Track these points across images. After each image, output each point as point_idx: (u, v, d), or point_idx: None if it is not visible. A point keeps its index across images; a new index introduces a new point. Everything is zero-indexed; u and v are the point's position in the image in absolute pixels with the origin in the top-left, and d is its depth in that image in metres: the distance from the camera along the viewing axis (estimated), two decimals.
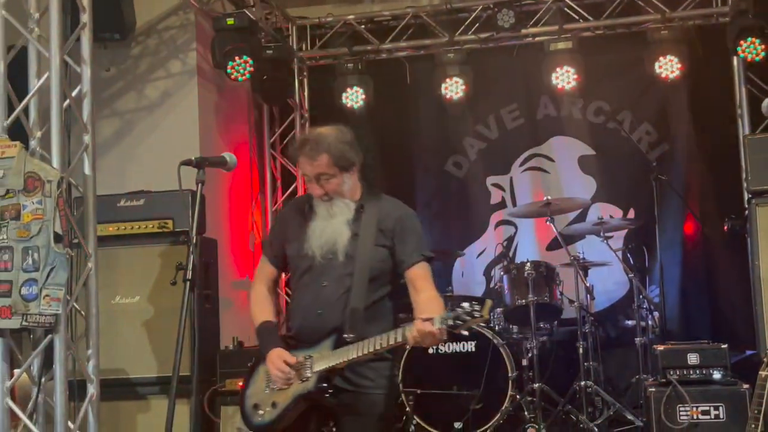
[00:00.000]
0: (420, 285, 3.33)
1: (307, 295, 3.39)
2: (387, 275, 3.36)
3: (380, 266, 3.34)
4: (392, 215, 3.41)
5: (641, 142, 7.30)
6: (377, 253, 3.33)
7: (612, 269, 6.69)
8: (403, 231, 3.38)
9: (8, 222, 3.77)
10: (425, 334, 2.96)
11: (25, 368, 3.93)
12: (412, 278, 3.34)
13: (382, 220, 3.38)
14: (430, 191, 7.81)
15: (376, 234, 3.35)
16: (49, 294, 3.72)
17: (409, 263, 3.34)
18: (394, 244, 3.35)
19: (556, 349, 6.48)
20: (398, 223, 3.38)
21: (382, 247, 3.35)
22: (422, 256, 3.36)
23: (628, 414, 5.62)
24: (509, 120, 7.73)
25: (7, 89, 4.00)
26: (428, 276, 3.38)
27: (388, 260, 3.35)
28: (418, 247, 3.38)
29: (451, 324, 2.84)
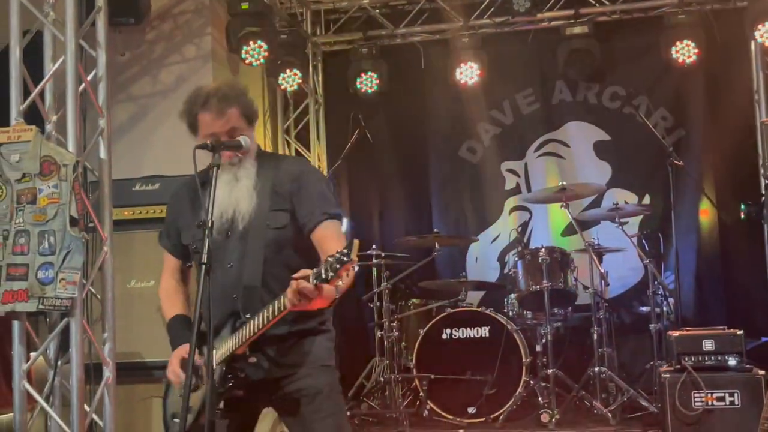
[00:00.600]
0: (326, 246, 2.82)
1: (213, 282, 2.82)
2: (291, 243, 2.95)
3: (279, 234, 2.93)
4: (289, 173, 3.01)
5: (657, 127, 7.24)
6: (275, 218, 2.94)
7: (627, 255, 6.67)
8: (301, 189, 2.97)
9: (24, 206, 3.79)
10: (300, 294, 2.54)
11: (42, 351, 3.95)
12: (318, 241, 2.90)
13: (278, 179, 3.00)
14: (444, 177, 7.80)
15: (271, 196, 2.97)
16: (65, 277, 3.74)
17: (311, 225, 2.91)
18: (294, 205, 2.95)
19: (570, 335, 6.47)
20: (296, 182, 2.99)
21: (281, 210, 2.96)
22: (326, 214, 2.92)
23: (642, 400, 5.61)
24: (524, 105, 7.70)
25: (23, 74, 4.01)
26: (334, 234, 2.92)
27: (289, 226, 2.95)
28: (322, 206, 2.94)
29: (324, 276, 2.48)
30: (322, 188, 3.03)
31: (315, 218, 2.91)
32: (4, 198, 3.81)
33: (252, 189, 2.97)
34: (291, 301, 2.57)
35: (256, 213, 2.94)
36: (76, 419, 3.85)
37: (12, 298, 3.75)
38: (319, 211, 2.92)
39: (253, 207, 2.95)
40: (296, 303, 2.57)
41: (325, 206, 2.95)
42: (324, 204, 2.95)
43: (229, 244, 2.95)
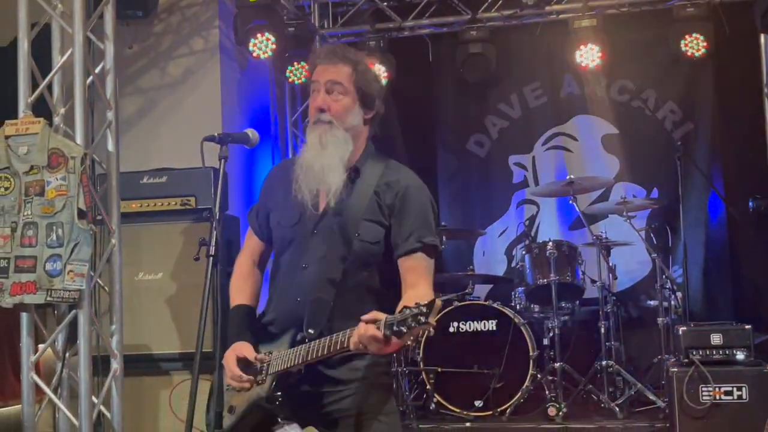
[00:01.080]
0: (411, 279, 2.67)
1: (285, 278, 2.79)
2: (375, 259, 2.72)
3: (366, 247, 2.70)
4: (396, 184, 2.73)
5: (665, 120, 7.23)
6: (367, 230, 2.70)
7: (635, 249, 6.66)
8: (404, 206, 2.70)
9: (32, 198, 3.80)
10: (368, 339, 2.37)
11: (50, 343, 3.97)
12: (405, 270, 2.69)
13: (381, 188, 2.72)
14: (451, 170, 7.79)
15: (368, 205, 2.70)
16: (73, 269, 3.74)
17: (403, 250, 2.68)
18: (391, 223, 2.70)
19: (578, 329, 6.47)
20: (401, 196, 2.71)
21: (375, 223, 2.71)
22: (421, 243, 2.68)
23: (649, 394, 5.60)
24: (532, 98, 7.68)
25: (31, 66, 4.02)
26: (423, 269, 2.70)
27: (380, 241, 2.70)
28: (421, 231, 2.69)
29: (396, 330, 2.30)
30: (426, 211, 2.75)
31: (409, 244, 2.68)
32: (12, 190, 3.82)
33: (340, 160, 2.70)
34: (356, 345, 2.42)
35: (347, 209, 2.71)
36: (84, 411, 3.86)
37: (20, 290, 3.76)
38: (415, 237, 2.69)
39: (347, 194, 2.71)
40: (361, 348, 2.42)
41: (423, 233, 2.70)
42: (423, 230, 2.71)
43: (309, 239, 2.74)
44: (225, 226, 5.07)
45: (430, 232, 2.72)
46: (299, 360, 2.58)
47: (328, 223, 2.72)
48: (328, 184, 2.70)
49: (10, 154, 3.82)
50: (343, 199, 2.72)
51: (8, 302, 3.78)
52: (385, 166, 2.80)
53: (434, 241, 2.72)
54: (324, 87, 2.73)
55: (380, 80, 2.88)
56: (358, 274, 2.71)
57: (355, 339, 2.41)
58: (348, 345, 2.45)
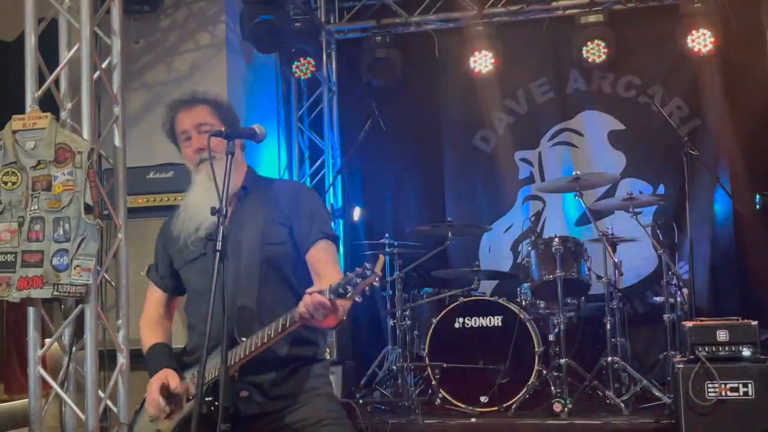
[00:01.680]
0: (321, 269, 2.81)
1: (205, 304, 2.67)
2: (289, 260, 2.86)
3: (277, 249, 2.84)
4: (288, 192, 2.97)
5: (672, 116, 7.20)
6: (274, 232, 2.85)
7: (641, 245, 6.64)
8: (300, 206, 2.90)
9: (39, 193, 3.81)
10: (314, 306, 2.44)
11: (57, 337, 3.98)
12: (313, 262, 2.84)
13: (276, 197, 2.92)
14: (457, 166, 7.78)
15: (269, 211, 2.88)
16: (80, 264, 3.76)
17: (308, 243, 2.84)
18: (292, 223, 2.87)
19: (583, 325, 6.45)
20: (295, 199, 2.93)
21: (279, 224, 2.87)
22: (323, 233, 2.86)
23: (655, 390, 5.59)
24: (538, 94, 7.67)
25: (38, 61, 4.03)
26: (331, 258, 2.87)
27: (288, 242, 2.86)
28: (320, 225, 2.88)
29: (342, 291, 2.38)
30: (318, 207, 2.98)
31: (312, 236, 2.85)
32: (19, 185, 3.83)
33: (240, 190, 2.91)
34: (302, 314, 2.47)
35: (247, 224, 2.85)
36: (90, 405, 3.87)
37: (27, 284, 3.78)
38: (317, 228, 2.87)
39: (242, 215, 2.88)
40: (307, 317, 2.47)
41: (322, 225, 2.89)
42: (321, 223, 2.90)
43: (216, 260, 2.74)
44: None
45: (328, 225, 2.96)
46: (235, 359, 2.63)
47: (232, 241, 2.75)
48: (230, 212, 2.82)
49: (18, 148, 3.84)
50: (241, 214, 2.88)
51: (15, 297, 3.79)
52: (271, 181, 3.07)
53: (333, 230, 2.94)
54: (194, 130, 2.92)
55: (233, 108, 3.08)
56: (274, 276, 2.82)
57: (301, 309, 2.47)
58: (293, 320, 2.51)
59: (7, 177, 3.83)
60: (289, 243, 2.87)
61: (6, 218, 3.83)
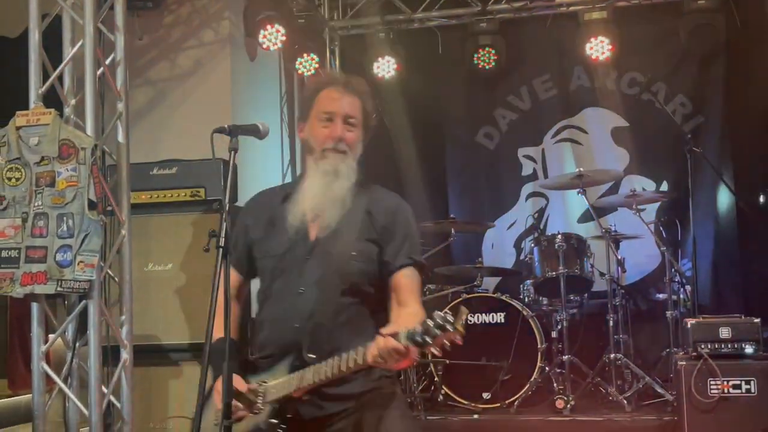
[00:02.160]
0: (404, 297, 2.72)
1: (278, 304, 2.76)
2: (372, 278, 2.76)
3: (362, 267, 2.74)
4: (385, 205, 2.84)
5: (675, 114, 7.22)
6: (363, 248, 2.75)
7: (644, 242, 6.64)
8: (395, 225, 2.79)
9: (43, 189, 3.81)
10: (388, 352, 2.34)
11: (60, 333, 3.98)
12: (396, 287, 2.74)
13: (372, 208, 2.80)
14: (460, 162, 7.79)
15: (362, 226, 2.77)
16: (84, 260, 3.75)
17: (395, 265, 2.74)
18: (384, 241, 2.76)
19: (586, 322, 6.46)
20: (391, 215, 2.81)
21: (369, 242, 2.77)
22: (412, 259, 2.76)
23: (657, 387, 5.60)
24: (542, 91, 7.67)
25: (42, 57, 4.03)
26: (415, 287, 2.77)
27: (374, 259, 2.76)
28: (411, 249, 2.77)
29: (419, 340, 2.26)
30: (413, 229, 2.86)
31: (400, 260, 2.75)
32: (23, 181, 3.83)
33: (348, 192, 2.77)
34: (375, 358, 2.38)
35: (340, 232, 2.73)
36: (93, 401, 3.88)
37: (31, 280, 3.77)
38: (406, 253, 2.76)
39: (340, 219, 2.75)
40: (380, 362, 2.38)
41: (412, 249, 2.79)
42: (412, 247, 2.79)
43: (303, 263, 2.74)
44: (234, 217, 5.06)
45: (419, 251, 2.82)
46: (302, 384, 2.57)
47: (322, 248, 2.74)
48: (328, 213, 2.76)
49: (21, 144, 3.83)
50: (336, 223, 2.76)
51: (19, 292, 3.79)
52: (371, 188, 2.89)
53: (423, 260, 2.81)
54: (341, 118, 2.80)
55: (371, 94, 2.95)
56: (357, 295, 2.73)
57: (374, 352, 2.39)
58: (363, 361, 2.43)
59: (11, 173, 3.83)
60: (375, 262, 2.77)
61: (10, 214, 3.82)
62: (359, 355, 2.45)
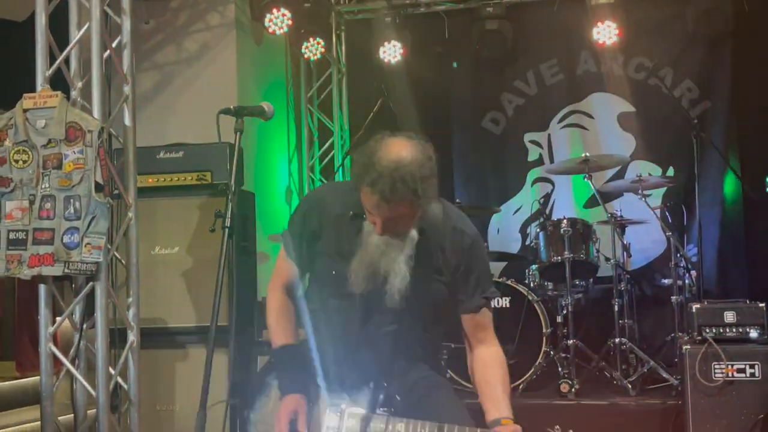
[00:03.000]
0: (480, 335, 2.82)
1: (341, 324, 2.73)
2: (439, 314, 2.82)
3: (436, 305, 2.77)
4: (459, 243, 2.75)
5: (682, 99, 7.19)
6: (434, 289, 2.74)
7: (649, 227, 6.64)
8: (469, 263, 2.75)
9: (50, 171, 3.83)
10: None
11: (68, 314, 4.01)
12: (471, 325, 2.81)
13: (446, 248, 2.74)
14: (466, 148, 7.78)
15: (435, 266, 2.73)
16: (90, 242, 3.78)
17: (469, 306, 2.77)
18: (456, 279, 2.75)
19: (591, 307, 6.47)
20: (465, 254, 2.75)
21: (439, 282, 2.75)
22: (486, 298, 2.80)
23: (662, 372, 5.60)
24: (548, 76, 7.65)
25: (49, 40, 4.04)
26: (489, 323, 2.84)
27: (445, 295, 2.76)
28: (484, 286, 2.80)
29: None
30: (487, 264, 2.88)
31: (475, 301, 2.77)
32: (30, 163, 3.85)
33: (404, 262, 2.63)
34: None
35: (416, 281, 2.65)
36: (101, 382, 3.91)
37: (38, 262, 3.80)
38: (480, 292, 2.78)
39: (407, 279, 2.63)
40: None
41: (486, 288, 2.81)
42: (485, 285, 2.81)
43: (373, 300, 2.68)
44: (240, 199, 5.09)
45: (491, 285, 2.84)
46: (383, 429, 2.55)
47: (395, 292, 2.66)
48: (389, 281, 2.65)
49: (29, 127, 3.85)
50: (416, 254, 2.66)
51: (26, 274, 3.82)
52: (444, 216, 2.75)
53: (496, 293, 2.87)
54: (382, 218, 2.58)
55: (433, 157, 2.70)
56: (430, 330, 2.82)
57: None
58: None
59: (18, 155, 3.85)
60: (445, 296, 2.76)
61: (17, 196, 3.85)
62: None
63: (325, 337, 2.75)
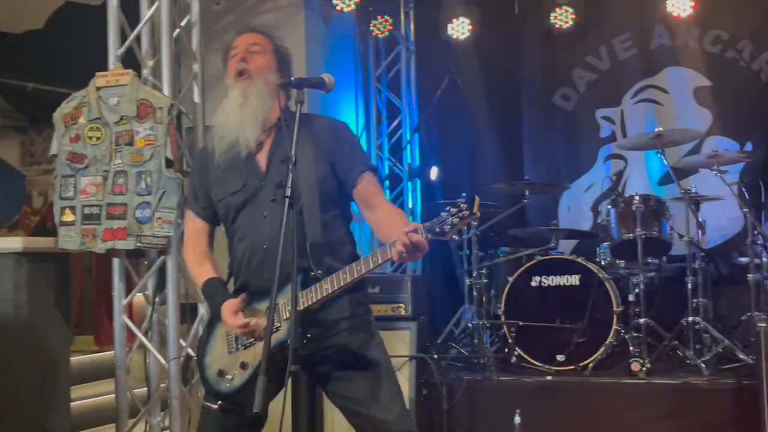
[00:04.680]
0: (374, 201, 2.94)
1: (246, 234, 2.90)
2: (333, 196, 2.94)
3: (325, 186, 2.90)
4: (325, 128, 3.01)
5: (761, 72, 6.96)
6: (319, 169, 2.90)
7: (726, 204, 6.46)
8: (340, 143, 2.97)
9: (122, 147, 3.93)
10: (413, 246, 2.50)
11: (141, 287, 4.12)
12: (363, 195, 2.95)
13: (316, 134, 2.95)
14: (536, 124, 7.69)
15: (312, 148, 2.90)
16: (162, 216, 3.87)
17: (353, 178, 2.93)
18: (335, 160, 2.94)
19: (664, 285, 6.33)
20: (334, 136, 2.99)
21: (323, 162, 2.92)
22: (365, 166, 2.96)
23: (738, 351, 5.47)
24: (621, 50, 7.49)
25: (121, 20, 4.13)
26: (379, 189, 3.01)
27: (330, 178, 2.93)
28: (362, 158, 2.99)
29: (439, 231, 2.46)
30: (357, 141, 3.09)
31: (357, 171, 2.94)
32: (103, 140, 3.96)
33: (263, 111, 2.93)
34: (401, 253, 2.51)
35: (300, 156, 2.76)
36: (172, 353, 4.01)
37: (112, 236, 3.92)
38: (358, 162, 2.96)
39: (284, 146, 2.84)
40: (404, 257, 2.53)
41: (363, 158, 3.01)
42: (362, 156, 3.02)
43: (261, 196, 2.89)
44: None
45: (369, 158, 3.05)
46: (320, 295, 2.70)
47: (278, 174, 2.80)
48: (246, 136, 2.89)
49: (101, 104, 3.96)
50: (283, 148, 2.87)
51: (101, 248, 3.94)
52: (309, 118, 2.97)
53: (373, 163, 3.03)
54: (243, 48, 3.01)
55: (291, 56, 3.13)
56: (329, 211, 2.90)
57: (399, 248, 2.52)
58: (385, 257, 2.59)
59: (92, 132, 3.96)
60: (332, 179, 2.94)
61: (91, 172, 3.96)
62: (379, 254, 2.61)
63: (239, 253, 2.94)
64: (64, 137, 4.00)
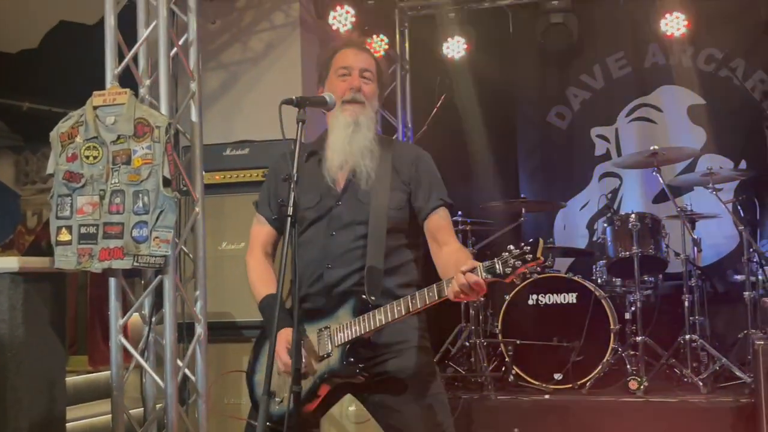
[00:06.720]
0: (443, 237, 2.87)
1: (311, 250, 2.88)
2: (405, 225, 2.92)
3: (397, 215, 2.89)
4: (407, 156, 2.99)
5: (755, 90, 7.01)
6: (394, 198, 2.89)
7: (721, 222, 6.49)
8: (419, 173, 2.94)
9: (120, 166, 3.91)
10: (469, 287, 2.42)
11: (137, 307, 4.09)
12: (433, 229, 2.89)
13: (397, 161, 2.94)
14: (532, 143, 7.72)
15: (391, 176, 2.91)
16: (159, 236, 3.85)
17: (427, 210, 2.89)
18: (411, 190, 2.92)
19: (661, 303, 6.34)
20: (414, 165, 2.95)
21: (399, 191, 2.91)
22: (442, 201, 2.92)
23: (735, 369, 5.47)
24: (615, 69, 7.54)
25: (118, 39, 4.13)
26: (450, 226, 2.94)
27: (405, 208, 2.91)
28: (439, 192, 2.94)
29: (500, 273, 2.38)
30: (437, 173, 3.00)
31: (432, 204, 2.90)
32: (100, 159, 3.94)
33: (373, 142, 2.90)
34: (457, 293, 2.45)
35: (373, 187, 2.84)
36: (169, 373, 3.98)
37: (108, 255, 3.89)
38: (435, 196, 2.91)
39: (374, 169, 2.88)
40: (460, 297, 2.47)
41: (440, 192, 2.94)
42: (440, 190, 2.95)
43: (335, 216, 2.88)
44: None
45: (445, 191, 2.96)
46: (373, 325, 2.67)
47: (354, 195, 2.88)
48: (362, 165, 2.88)
49: (98, 123, 3.94)
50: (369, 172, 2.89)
51: (97, 267, 3.91)
52: (392, 141, 3.05)
53: (450, 199, 2.94)
54: (357, 71, 2.96)
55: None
56: (396, 239, 2.87)
57: (455, 289, 2.45)
58: (441, 294, 2.52)
59: (89, 151, 3.95)
60: (407, 209, 2.92)
61: (88, 191, 3.94)
62: (435, 291, 2.55)
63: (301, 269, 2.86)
64: (61, 156, 3.98)
